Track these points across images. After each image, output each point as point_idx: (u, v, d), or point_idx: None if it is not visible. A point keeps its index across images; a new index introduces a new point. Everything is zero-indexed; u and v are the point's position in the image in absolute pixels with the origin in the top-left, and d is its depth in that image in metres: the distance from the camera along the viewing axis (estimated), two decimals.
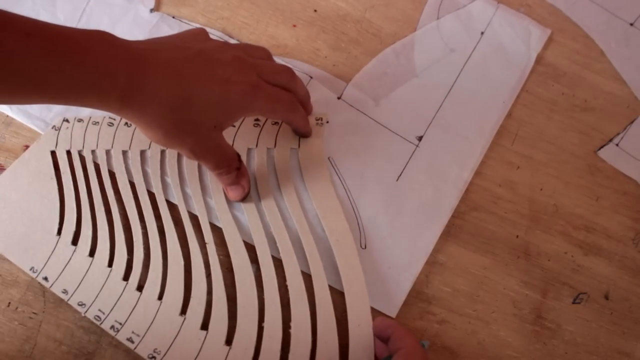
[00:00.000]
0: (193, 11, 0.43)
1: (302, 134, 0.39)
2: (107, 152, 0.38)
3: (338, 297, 0.35)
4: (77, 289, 0.34)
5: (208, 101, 0.30)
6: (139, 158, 0.38)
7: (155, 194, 0.37)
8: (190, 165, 0.38)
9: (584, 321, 0.38)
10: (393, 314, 0.36)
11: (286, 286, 0.34)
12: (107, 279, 0.35)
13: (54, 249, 0.35)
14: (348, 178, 0.39)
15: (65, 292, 0.34)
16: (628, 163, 0.41)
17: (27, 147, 0.38)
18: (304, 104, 0.37)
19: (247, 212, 0.37)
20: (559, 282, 0.38)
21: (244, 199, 0.36)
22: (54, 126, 0.39)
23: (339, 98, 0.41)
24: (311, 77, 0.41)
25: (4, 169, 0.38)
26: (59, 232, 0.36)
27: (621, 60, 0.44)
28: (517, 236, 0.39)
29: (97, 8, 0.42)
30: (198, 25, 0.42)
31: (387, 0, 0.44)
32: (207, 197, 0.37)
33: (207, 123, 0.31)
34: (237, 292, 0.34)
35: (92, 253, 0.35)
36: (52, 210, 0.36)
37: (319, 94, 0.40)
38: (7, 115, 0.39)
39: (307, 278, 0.35)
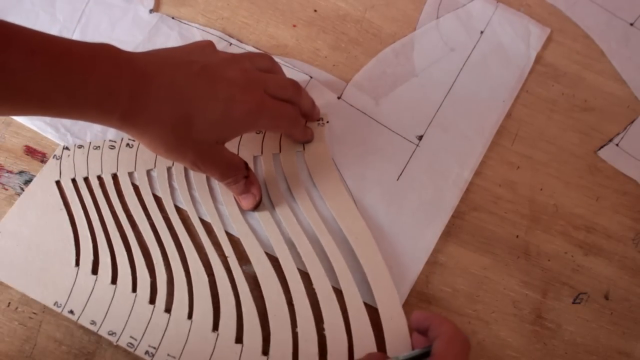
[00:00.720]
0: (193, 11, 0.43)
1: (301, 142, 0.39)
2: (114, 176, 0.38)
3: (365, 292, 0.35)
4: (105, 318, 0.34)
5: (211, 119, 0.30)
6: (145, 178, 0.37)
7: (168, 211, 0.37)
8: (198, 177, 0.38)
9: (584, 321, 0.38)
10: None
11: (313, 289, 0.35)
12: (133, 304, 0.34)
13: (75, 280, 0.35)
14: (348, 178, 0.39)
15: (93, 323, 0.34)
16: (628, 163, 0.41)
17: (27, 147, 0.38)
18: (309, 114, 0.37)
19: (262, 220, 0.36)
20: (559, 282, 0.38)
21: (257, 207, 0.36)
22: (55, 155, 0.38)
23: (339, 98, 0.41)
24: (311, 77, 0.41)
25: (4, 169, 0.38)
26: (77, 263, 0.35)
27: (621, 60, 0.44)
28: (517, 236, 0.39)
29: (96, 9, 0.42)
30: (197, 26, 0.42)
31: (387, 0, 0.44)
32: (218, 204, 0.37)
33: (209, 139, 0.31)
34: (265, 302, 0.34)
35: (114, 280, 0.35)
36: (66, 241, 0.36)
37: (319, 94, 0.40)
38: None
39: (332, 277, 0.35)
